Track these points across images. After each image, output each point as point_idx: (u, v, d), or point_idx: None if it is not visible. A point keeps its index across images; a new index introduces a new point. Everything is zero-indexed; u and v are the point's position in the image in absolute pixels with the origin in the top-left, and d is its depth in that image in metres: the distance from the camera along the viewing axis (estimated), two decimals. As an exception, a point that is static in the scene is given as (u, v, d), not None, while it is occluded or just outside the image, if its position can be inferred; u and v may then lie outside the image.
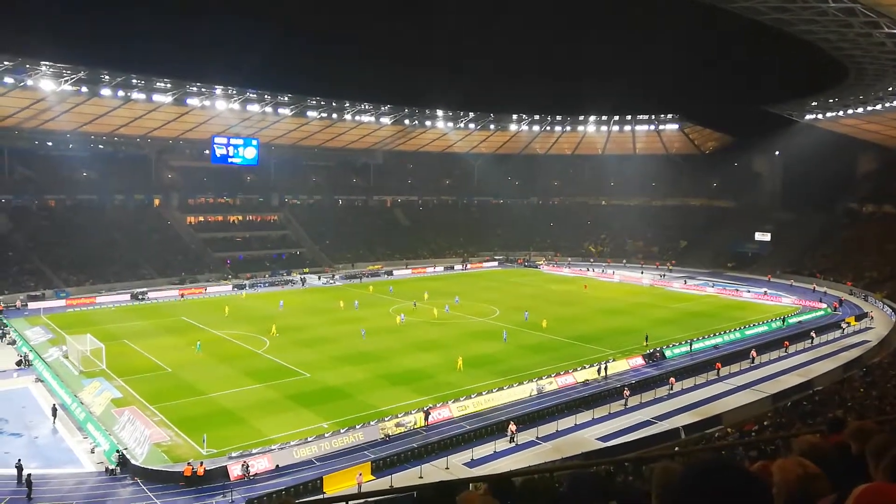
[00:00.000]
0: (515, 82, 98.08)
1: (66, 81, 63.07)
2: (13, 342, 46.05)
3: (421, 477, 25.65)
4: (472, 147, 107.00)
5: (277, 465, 26.73)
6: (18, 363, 41.16)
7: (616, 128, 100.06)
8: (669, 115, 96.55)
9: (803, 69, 67.95)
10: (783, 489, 2.25)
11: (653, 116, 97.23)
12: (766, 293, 68.31)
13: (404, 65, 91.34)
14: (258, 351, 44.23)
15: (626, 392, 35.29)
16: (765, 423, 27.61)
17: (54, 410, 32.23)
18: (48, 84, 62.28)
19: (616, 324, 53.83)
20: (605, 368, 39.73)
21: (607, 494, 4.78)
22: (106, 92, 66.49)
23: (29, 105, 67.28)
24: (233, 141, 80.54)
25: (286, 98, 78.79)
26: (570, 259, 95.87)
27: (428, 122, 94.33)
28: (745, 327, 52.12)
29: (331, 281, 77.43)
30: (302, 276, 77.35)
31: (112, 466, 26.34)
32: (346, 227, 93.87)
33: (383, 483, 24.99)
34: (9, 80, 60.50)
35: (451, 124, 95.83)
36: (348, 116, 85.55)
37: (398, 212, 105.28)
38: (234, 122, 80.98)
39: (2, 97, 64.31)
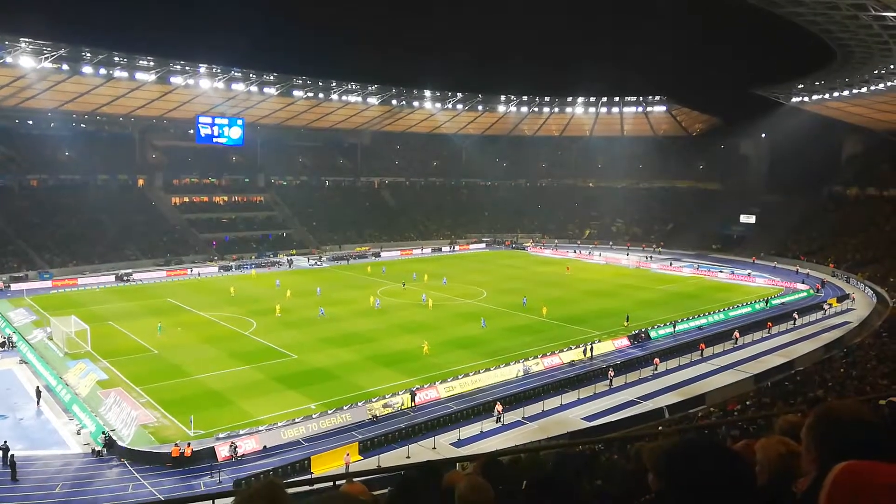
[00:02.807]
0: (504, 63, 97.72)
1: (47, 59, 61.71)
2: (-4, 324, 45.58)
3: (408, 457, 25.86)
4: (460, 128, 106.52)
5: (265, 446, 26.82)
6: (2, 344, 40.76)
7: (604, 109, 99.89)
8: (657, 97, 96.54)
9: (790, 51, 68.22)
10: (766, 467, 2.29)
11: (640, 98, 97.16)
12: (749, 275, 69.06)
13: (392, 44, 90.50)
14: (245, 332, 44.12)
15: (611, 373, 35.67)
16: (747, 402, 28.05)
17: (38, 392, 32.03)
18: (28, 61, 60.92)
19: (601, 305, 54.24)
20: (591, 349, 40.09)
21: (592, 473, 4.84)
22: (87, 70, 65.18)
23: (9, 83, 65.86)
24: (217, 120, 79.60)
25: (272, 77, 77.72)
26: (556, 241, 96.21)
27: (416, 103, 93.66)
28: (728, 309, 52.72)
29: (318, 262, 77.20)
30: (289, 258, 77.02)
31: (99, 448, 26.29)
32: (334, 209, 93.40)
33: (371, 463, 25.18)
34: (-13, 56, 59.08)
35: (438, 105, 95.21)
36: (335, 96, 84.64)
37: (386, 193, 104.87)
38: (218, 102, 79.86)
39: (-21, 74, 62.85)
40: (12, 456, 24.44)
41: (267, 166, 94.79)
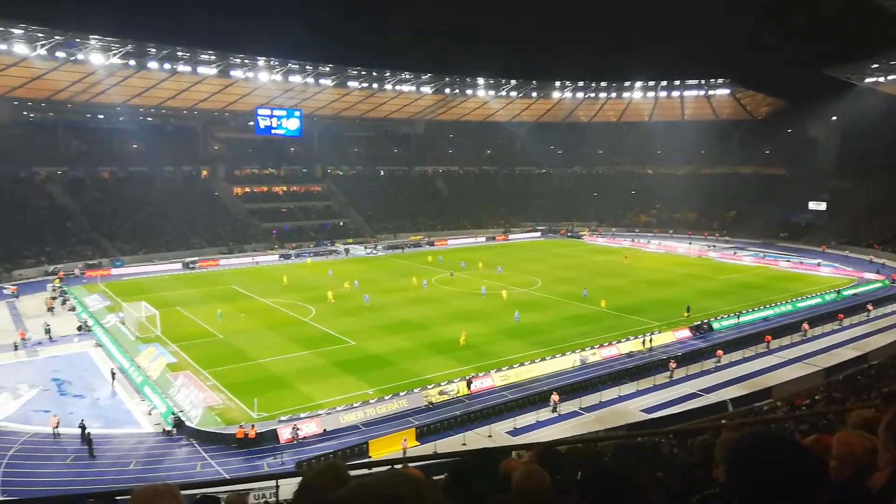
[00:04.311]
0: (559, 48, 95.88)
1: (115, 55, 64.49)
2: (73, 309, 48.27)
3: (464, 444, 26.05)
4: (514, 116, 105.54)
5: (325, 430, 27.52)
6: (79, 328, 43.21)
7: (664, 93, 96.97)
8: (720, 80, 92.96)
9: (864, 30, 64.32)
10: (849, 461, 2.20)
11: (703, 81, 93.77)
12: (819, 265, 66.05)
13: (445, 32, 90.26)
14: (305, 319, 45.26)
15: (672, 364, 34.88)
16: (816, 397, 26.94)
17: (113, 374, 33.83)
18: (98, 58, 63.83)
19: (661, 295, 52.98)
20: (650, 340, 39.29)
21: (653, 465, 4.77)
22: (153, 65, 67.82)
23: (80, 79, 69.17)
24: (276, 112, 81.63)
25: (327, 68, 78.93)
26: (614, 229, 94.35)
27: (469, 91, 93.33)
28: (797, 299, 50.62)
29: (373, 251, 78.28)
30: (345, 247, 78.41)
31: (169, 428, 27.57)
32: (388, 198, 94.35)
33: (427, 449, 25.50)
34: (60, 54, 62.26)
35: (492, 92, 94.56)
36: (389, 86, 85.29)
37: (439, 182, 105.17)
38: (276, 94, 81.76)
39: (55, 71, 66.25)
40: (89, 434, 25.91)
41: (323, 156, 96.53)
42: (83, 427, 26.34)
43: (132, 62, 66.79)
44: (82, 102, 77.33)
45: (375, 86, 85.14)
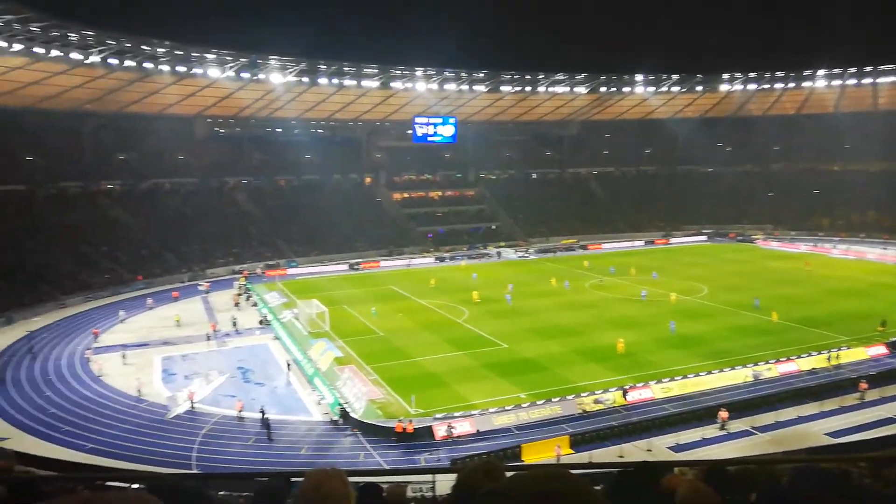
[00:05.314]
0: (724, 37, 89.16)
1: (290, 73, 70.99)
2: (255, 304, 53.54)
3: (621, 456, 25.02)
4: (676, 112, 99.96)
5: (478, 430, 27.85)
6: (260, 322, 47.87)
7: (852, 81, 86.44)
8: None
9: None
10: None
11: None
12: None
13: (600, 30, 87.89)
14: (458, 320, 46.28)
15: (864, 384, 30.81)
16: None
17: (288, 365, 37.00)
18: (276, 76, 70.76)
19: (850, 307, 47.13)
20: (837, 356, 35.10)
21: (842, 495, 4.18)
22: (322, 80, 73.76)
23: (261, 96, 77.08)
24: (432, 120, 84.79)
25: (481, 74, 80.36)
26: (793, 233, 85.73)
27: (626, 89, 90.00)
28: None
29: (525, 255, 78.14)
30: (497, 250, 79.15)
31: (336, 418, 29.53)
32: (540, 201, 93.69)
33: (581, 458, 24.84)
34: (245, 74, 69.74)
35: (651, 89, 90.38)
36: (542, 88, 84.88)
37: (594, 184, 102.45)
38: (432, 102, 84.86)
39: (241, 91, 74.41)
40: (268, 419, 28.52)
41: (476, 161, 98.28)
42: (263, 412, 29.01)
43: (305, 79, 73.14)
44: (263, 118, 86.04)
45: (528, 89, 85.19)
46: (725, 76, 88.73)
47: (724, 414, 27.72)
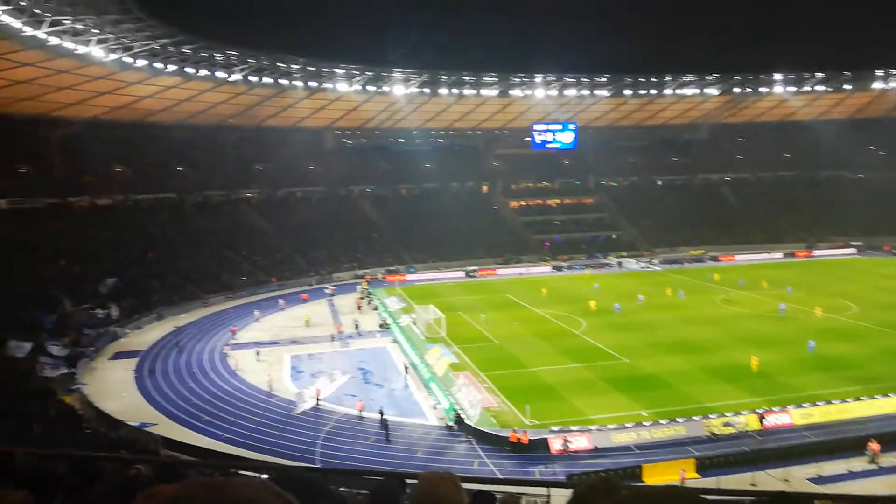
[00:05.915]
0: (876, 30, 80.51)
1: (412, 84, 73.17)
2: (376, 308, 55.40)
3: (753, 484, 23.13)
4: (820, 113, 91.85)
5: (595, 446, 26.91)
6: (381, 326, 49.43)
7: None
8: None
9: None
10: None
11: None
12: None
13: (733, 28, 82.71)
14: (575, 331, 45.16)
15: None
16: None
17: (406, 368, 37.84)
18: (399, 88, 73.23)
19: None
20: None
21: None
22: (443, 91, 75.31)
23: (385, 108, 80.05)
24: (551, 127, 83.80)
25: (603, 79, 78.31)
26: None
27: (763, 89, 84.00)
28: None
29: (649, 265, 74.90)
30: (618, 260, 76.51)
31: (450, 423, 29.75)
32: (665, 209, 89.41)
33: (708, 483, 23.23)
34: (370, 87, 72.75)
35: (792, 89, 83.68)
36: (668, 91, 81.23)
37: (726, 190, 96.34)
38: (551, 109, 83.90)
39: (366, 103, 77.74)
40: (386, 420, 29.27)
41: (596, 168, 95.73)
42: (382, 413, 29.83)
43: (426, 90, 75.05)
44: (386, 128, 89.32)
45: (654, 92, 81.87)
46: (879, 73, 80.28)
47: (874, 446, 24.86)
